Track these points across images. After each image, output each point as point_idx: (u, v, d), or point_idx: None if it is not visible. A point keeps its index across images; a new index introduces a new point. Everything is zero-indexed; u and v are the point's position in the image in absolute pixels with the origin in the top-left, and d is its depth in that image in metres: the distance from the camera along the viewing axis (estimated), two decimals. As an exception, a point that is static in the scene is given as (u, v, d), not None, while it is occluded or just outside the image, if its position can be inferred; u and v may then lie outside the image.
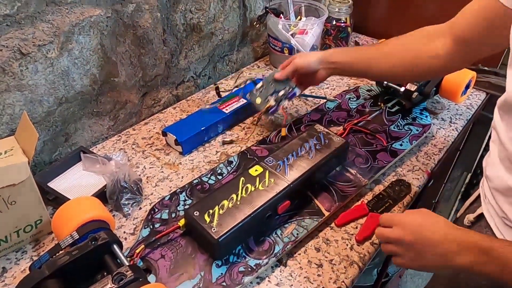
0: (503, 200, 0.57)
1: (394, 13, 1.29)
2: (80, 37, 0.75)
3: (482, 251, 0.48)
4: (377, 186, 0.78)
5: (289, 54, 1.10)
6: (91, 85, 0.81)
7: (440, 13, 1.18)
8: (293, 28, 1.07)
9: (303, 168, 0.70)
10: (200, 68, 1.06)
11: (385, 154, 0.82)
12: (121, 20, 0.81)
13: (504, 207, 0.56)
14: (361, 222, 0.70)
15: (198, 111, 0.92)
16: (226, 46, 1.11)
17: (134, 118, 0.95)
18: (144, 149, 0.87)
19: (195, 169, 0.82)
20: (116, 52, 0.83)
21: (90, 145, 0.87)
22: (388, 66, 0.74)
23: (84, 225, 0.57)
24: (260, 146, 0.84)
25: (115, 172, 0.70)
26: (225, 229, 0.59)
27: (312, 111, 0.96)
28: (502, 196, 0.57)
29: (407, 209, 0.79)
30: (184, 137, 0.83)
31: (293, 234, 0.66)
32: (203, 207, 0.63)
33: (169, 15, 0.91)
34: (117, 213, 0.72)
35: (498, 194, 0.58)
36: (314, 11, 1.16)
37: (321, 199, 0.72)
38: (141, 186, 0.75)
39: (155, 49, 0.91)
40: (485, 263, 0.47)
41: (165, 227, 0.66)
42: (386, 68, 0.75)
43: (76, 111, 0.81)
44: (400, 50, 0.73)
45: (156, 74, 0.95)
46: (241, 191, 0.65)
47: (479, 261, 0.48)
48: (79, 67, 0.78)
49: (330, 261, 0.64)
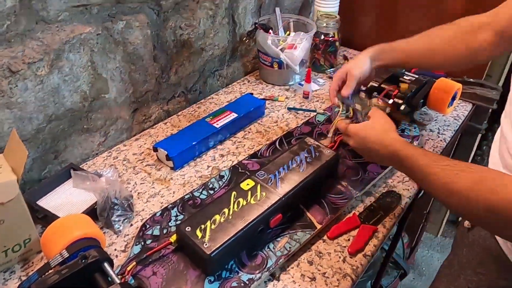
0: None
1: (380, 27, 1.32)
2: (71, 54, 0.75)
3: (399, 159, 0.61)
4: (368, 198, 0.78)
5: (279, 68, 1.11)
6: (81, 102, 0.81)
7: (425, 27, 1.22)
8: (282, 43, 1.08)
9: (294, 181, 0.70)
10: (191, 83, 1.07)
11: (375, 166, 0.83)
12: (111, 37, 0.82)
13: None
14: (353, 234, 0.71)
15: (189, 126, 0.93)
16: (217, 61, 1.12)
17: (125, 134, 0.95)
18: (135, 165, 0.86)
19: (186, 184, 0.82)
20: (106, 68, 0.83)
21: (80, 162, 0.87)
22: (441, 59, 0.77)
23: (74, 243, 0.57)
24: (252, 160, 0.85)
25: (105, 189, 0.70)
26: (217, 244, 0.59)
27: (302, 124, 0.97)
28: None
29: (399, 220, 0.80)
30: (175, 152, 0.83)
31: (286, 248, 0.66)
32: (195, 222, 0.63)
33: (160, 31, 0.91)
34: (108, 230, 0.71)
35: None
36: (303, 26, 1.18)
37: (313, 211, 0.72)
38: (132, 202, 0.75)
39: (145, 65, 0.91)
40: (400, 167, 0.63)
41: (157, 243, 0.66)
42: (438, 61, 0.78)
43: (66, 128, 0.81)
44: (451, 43, 0.75)
45: (147, 90, 0.95)
46: (233, 205, 0.65)
47: (397, 165, 0.64)
48: (69, 84, 0.78)
49: (323, 274, 0.64)
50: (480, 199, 0.45)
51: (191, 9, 0.96)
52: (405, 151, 0.60)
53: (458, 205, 0.50)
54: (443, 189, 0.51)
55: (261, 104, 1.01)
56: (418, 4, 1.20)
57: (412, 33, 1.24)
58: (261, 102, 1.01)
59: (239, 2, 1.10)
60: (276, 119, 1.02)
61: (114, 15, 0.81)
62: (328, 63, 1.23)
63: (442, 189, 0.52)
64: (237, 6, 1.09)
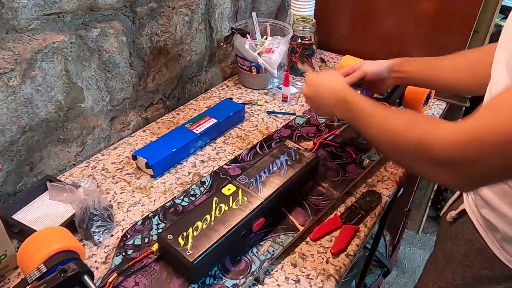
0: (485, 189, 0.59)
1: (355, 30, 1.34)
2: (44, 63, 0.74)
3: (346, 102, 0.65)
4: (349, 198, 0.79)
5: (257, 72, 1.12)
6: (57, 112, 0.80)
7: (399, 29, 1.25)
8: (259, 47, 1.09)
9: (275, 185, 0.71)
10: (169, 89, 1.06)
11: (355, 166, 0.84)
12: (85, 45, 0.80)
13: (483, 192, 0.59)
14: (336, 235, 0.71)
15: (169, 133, 0.92)
16: (194, 67, 1.11)
17: (103, 143, 0.93)
18: (114, 174, 0.85)
19: (167, 191, 0.81)
20: (81, 77, 0.82)
21: (57, 173, 0.85)
22: (464, 80, 0.73)
23: (52, 257, 0.55)
24: (233, 165, 0.85)
25: (83, 200, 0.68)
26: (200, 251, 0.59)
27: (282, 127, 0.97)
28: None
29: (380, 219, 0.81)
30: (155, 159, 0.83)
31: (269, 251, 0.66)
32: (176, 230, 0.62)
33: (135, 38, 0.91)
34: (87, 242, 0.70)
35: (479, 198, 0.60)
36: (280, 30, 1.19)
37: (295, 214, 0.73)
38: (112, 213, 0.73)
39: (122, 73, 0.90)
40: (345, 112, 0.66)
41: (139, 253, 0.65)
42: (459, 83, 0.74)
43: (41, 139, 0.79)
44: (474, 67, 0.71)
45: (124, 98, 0.94)
46: (215, 211, 0.65)
47: (343, 110, 0.67)
48: (43, 94, 0.76)
49: (307, 276, 0.65)
50: (412, 135, 0.48)
51: (167, 15, 0.96)
52: (352, 95, 0.66)
53: (391, 143, 0.53)
54: (380, 127, 0.56)
55: (240, 109, 1.01)
56: (391, 7, 1.22)
57: (387, 35, 1.27)
58: (240, 106, 1.02)
59: (215, 8, 1.10)
60: (256, 123, 1.02)
61: (87, 23, 0.79)
62: (303, 69, 1.24)
63: (379, 128, 0.56)
64: (214, 11, 1.10)
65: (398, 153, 0.54)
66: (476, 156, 0.42)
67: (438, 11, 1.14)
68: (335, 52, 1.39)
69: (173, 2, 0.96)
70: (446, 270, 0.68)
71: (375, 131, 0.58)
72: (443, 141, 0.44)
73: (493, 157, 0.41)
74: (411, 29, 1.22)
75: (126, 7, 0.86)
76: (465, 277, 0.63)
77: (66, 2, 0.74)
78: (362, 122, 0.61)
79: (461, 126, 0.44)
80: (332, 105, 0.70)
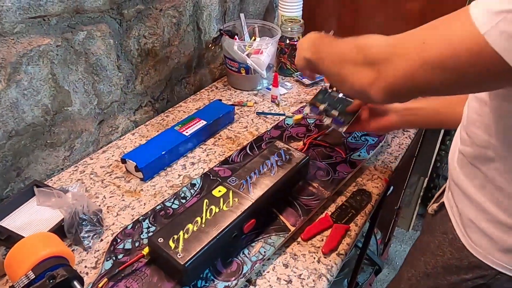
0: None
1: (343, 30, 1.35)
2: (29, 67, 0.73)
3: (315, 42, 0.70)
4: (339, 197, 0.80)
5: (246, 74, 1.12)
6: (43, 116, 0.79)
7: (386, 29, 1.26)
8: (248, 49, 1.09)
9: (266, 186, 0.71)
10: (158, 92, 1.05)
11: (344, 166, 0.84)
12: (72, 48, 0.79)
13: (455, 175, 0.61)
14: (327, 234, 0.72)
15: (158, 136, 0.91)
16: (183, 69, 1.11)
17: (91, 147, 0.92)
18: (103, 178, 0.84)
19: (157, 194, 0.80)
20: (68, 80, 0.81)
21: (45, 178, 0.84)
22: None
23: (40, 263, 0.54)
24: (223, 167, 0.84)
25: (72, 204, 0.67)
26: (191, 253, 0.58)
27: (272, 128, 0.98)
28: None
29: (371, 217, 0.81)
30: (144, 162, 0.82)
31: (261, 252, 0.66)
32: (167, 233, 0.61)
33: (123, 41, 0.90)
34: (77, 247, 0.69)
35: (453, 184, 0.62)
36: (268, 31, 1.19)
37: (286, 214, 0.73)
38: (102, 217, 0.72)
39: (109, 76, 0.90)
40: (313, 53, 0.69)
41: (129, 257, 0.64)
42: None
43: (28, 143, 0.78)
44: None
45: (112, 101, 0.93)
46: (206, 213, 0.65)
47: (312, 52, 0.69)
48: (29, 98, 0.75)
49: (299, 276, 0.65)
50: (353, 41, 0.58)
51: (154, 17, 0.95)
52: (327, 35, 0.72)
53: (336, 53, 0.62)
54: (334, 47, 0.64)
55: (230, 110, 1.01)
56: (378, 6, 1.24)
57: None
58: (230, 108, 1.01)
59: (203, 9, 1.09)
60: (245, 125, 1.02)
61: (74, 26, 0.78)
62: (294, 67, 1.24)
63: (333, 48, 0.65)
64: (201, 13, 1.09)
65: (338, 63, 0.60)
66: (396, 53, 0.48)
67: (424, 10, 1.16)
68: (323, 53, 1.39)
69: (161, 4, 0.96)
70: (420, 259, 0.70)
71: (326, 50, 0.65)
72: (374, 41, 0.53)
73: (409, 57, 0.45)
74: (397, 28, 1.23)
75: (113, 10, 0.85)
76: (436, 266, 0.65)
77: (51, 5, 0.73)
78: (321, 52, 0.67)
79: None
80: (306, 49, 0.72)
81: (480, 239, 0.57)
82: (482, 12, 0.39)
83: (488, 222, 0.55)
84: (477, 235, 0.57)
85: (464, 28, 0.40)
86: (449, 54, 0.41)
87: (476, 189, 0.57)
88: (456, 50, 0.40)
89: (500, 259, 0.55)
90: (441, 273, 0.64)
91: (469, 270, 0.59)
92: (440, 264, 0.64)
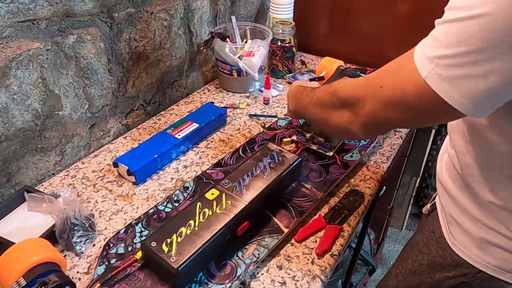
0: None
1: (334, 31, 1.36)
2: (19, 71, 0.72)
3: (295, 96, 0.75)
4: (332, 198, 0.80)
5: (238, 76, 1.12)
6: (33, 121, 0.78)
7: (378, 30, 1.27)
8: (240, 51, 1.09)
9: (259, 188, 0.71)
10: (150, 95, 1.05)
11: (337, 167, 0.85)
12: (62, 52, 0.79)
13: (441, 177, 0.64)
14: (320, 236, 0.72)
15: (150, 139, 0.91)
16: (175, 72, 1.11)
17: (83, 151, 0.91)
18: (95, 183, 0.83)
19: (150, 198, 0.80)
20: (58, 84, 0.80)
21: (36, 183, 0.83)
22: None
23: (32, 269, 0.54)
24: (216, 169, 0.84)
25: (63, 210, 0.67)
26: (184, 257, 0.58)
27: (264, 130, 0.98)
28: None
29: (364, 217, 0.82)
30: (137, 166, 0.81)
31: (254, 255, 0.66)
32: (160, 236, 0.61)
33: (113, 44, 0.89)
34: (69, 252, 0.68)
35: (439, 184, 0.65)
36: (259, 34, 1.19)
37: (279, 216, 0.73)
38: (94, 222, 0.72)
39: (100, 79, 0.89)
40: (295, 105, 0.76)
41: (122, 262, 0.64)
42: None
43: (18, 148, 0.77)
44: None
45: (104, 105, 0.93)
46: (199, 216, 0.65)
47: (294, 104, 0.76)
48: (19, 103, 0.74)
49: (293, 277, 0.65)
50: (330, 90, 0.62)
51: (145, 20, 0.95)
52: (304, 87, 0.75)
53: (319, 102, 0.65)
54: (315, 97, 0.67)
55: (222, 113, 1.01)
56: (369, 8, 1.25)
57: (365, 36, 1.29)
58: (222, 110, 1.01)
59: (194, 12, 1.09)
60: (238, 127, 1.02)
61: (63, 29, 0.78)
62: (286, 69, 1.25)
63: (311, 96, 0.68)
64: (193, 15, 1.09)
65: (320, 109, 0.65)
66: (363, 95, 0.52)
67: (414, 11, 1.17)
68: (315, 54, 1.40)
69: (151, 7, 0.95)
70: (408, 257, 0.71)
71: (306, 101, 0.69)
72: (344, 86, 0.58)
73: (373, 100, 0.50)
74: (389, 30, 1.25)
75: (103, 13, 0.84)
76: (422, 263, 0.67)
77: (41, 9, 0.72)
78: (301, 102, 0.72)
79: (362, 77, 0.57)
80: (290, 102, 0.78)
81: (460, 236, 0.59)
82: (421, 58, 0.43)
83: (469, 221, 0.57)
84: (458, 232, 0.60)
85: (409, 72, 0.44)
86: (400, 95, 0.46)
87: (458, 190, 0.59)
88: (405, 92, 0.45)
89: (479, 256, 0.57)
90: (426, 270, 0.66)
91: (452, 268, 0.61)
92: (426, 262, 0.66)
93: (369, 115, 0.52)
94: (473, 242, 0.57)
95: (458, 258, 0.59)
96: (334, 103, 0.59)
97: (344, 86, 0.58)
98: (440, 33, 0.41)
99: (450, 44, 0.39)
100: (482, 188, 0.54)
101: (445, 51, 0.40)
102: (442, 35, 0.41)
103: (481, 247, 0.56)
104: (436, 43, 0.41)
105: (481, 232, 0.56)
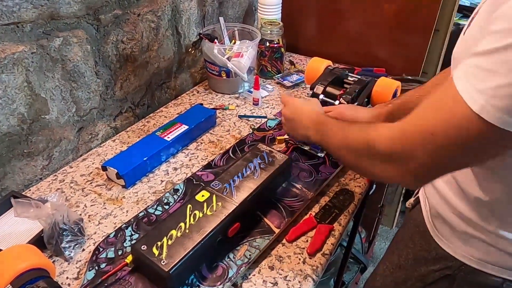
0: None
1: (322, 32, 1.37)
2: (3, 75, 0.71)
3: (320, 126, 0.68)
4: (322, 198, 0.80)
5: (227, 77, 1.12)
6: (19, 125, 0.77)
7: (364, 29, 1.28)
8: (228, 52, 1.09)
9: (249, 188, 0.71)
10: (138, 97, 1.04)
11: (327, 166, 0.85)
12: (48, 55, 0.78)
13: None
14: (311, 235, 0.72)
15: (139, 141, 0.90)
16: (163, 73, 1.10)
17: (71, 155, 0.90)
18: (84, 187, 0.83)
19: (140, 201, 0.79)
20: (45, 88, 0.79)
21: (23, 188, 0.82)
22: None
23: (20, 276, 0.53)
24: (206, 171, 0.84)
25: (51, 215, 0.66)
26: (175, 260, 0.58)
27: (254, 130, 0.98)
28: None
29: (354, 216, 0.82)
30: (126, 169, 0.81)
31: (246, 256, 0.66)
32: (150, 240, 0.61)
33: (100, 46, 0.89)
34: (57, 258, 0.67)
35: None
36: (248, 35, 1.19)
37: (270, 217, 0.73)
38: (83, 226, 0.71)
39: (88, 82, 0.88)
40: (320, 133, 0.68)
41: (112, 266, 0.63)
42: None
43: (4, 153, 0.76)
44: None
45: (91, 108, 0.92)
46: (189, 218, 0.64)
47: (317, 132, 0.69)
48: (4, 107, 0.73)
49: (284, 277, 0.65)
50: (361, 138, 0.55)
51: (132, 22, 0.94)
52: (327, 119, 0.69)
53: (348, 148, 0.59)
54: (340, 137, 0.62)
55: (211, 114, 1.00)
56: (356, 8, 1.26)
57: (353, 36, 1.30)
58: (211, 112, 1.01)
59: (182, 13, 1.09)
60: (228, 128, 1.02)
61: (49, 32, 0.77)
62: (275, 69, 1.25)
63: (339, 138, 0.62)
64: (180, 17, 1.09)
65: (354, 157, 0.57)
66: (411, 149, 0.46)
67: (400, 11, 1.18)
68: (303, 54, 1.41)
69: (138, 9, 0.95)
70: (394, 252, 0.72)
71: (335, 141, 0.63)
72: (382, 137, 0.50)
73: (424, 150, 0.45)
74: (375, 29, 1.26)
75: (89, 15, 0.84)
76: (408, 258, 0.67)
77: (25, 11, 0.71)
78: (327, 138, 0.65)
79: (397, 123, 0.49)
80: (307, 127, 0.72)
81: (444, 229, 0.60)
82: (470, 92, 0.40)
83: (452, 214, 0.58)
84: (441, 225, 0.61)
85: (460, 110, 0.41)
86: (455, 137, 0.43)
87: (444, 183, 0.60)
88: (461, 132, 0.42)
89: (462, 249, 0.58)
90: (412, 264, 0.66)
91: (436, 261, 0.61)
92: (412, 256, 0.67)
93: (422, 167, 0.47)
94: (456, 235, 0.58)
95: (442, 252, 0.60)
96: (373, 155, 0.52)
97: (381, 138, 0.51)
98: (492, 63, 0.39)
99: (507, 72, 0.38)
100: (469, 183, 0.55)
101: (501, 80, 0.38)
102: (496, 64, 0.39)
103: (464, 240, 0.57)
104: (486, 73, 0.39)
105: (465, 225, 0.57)
